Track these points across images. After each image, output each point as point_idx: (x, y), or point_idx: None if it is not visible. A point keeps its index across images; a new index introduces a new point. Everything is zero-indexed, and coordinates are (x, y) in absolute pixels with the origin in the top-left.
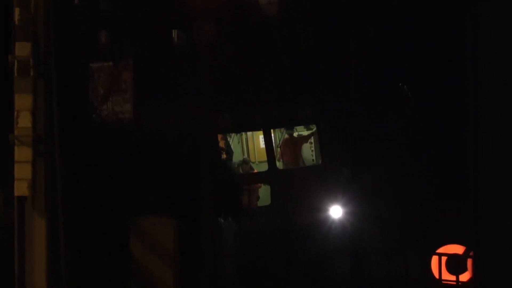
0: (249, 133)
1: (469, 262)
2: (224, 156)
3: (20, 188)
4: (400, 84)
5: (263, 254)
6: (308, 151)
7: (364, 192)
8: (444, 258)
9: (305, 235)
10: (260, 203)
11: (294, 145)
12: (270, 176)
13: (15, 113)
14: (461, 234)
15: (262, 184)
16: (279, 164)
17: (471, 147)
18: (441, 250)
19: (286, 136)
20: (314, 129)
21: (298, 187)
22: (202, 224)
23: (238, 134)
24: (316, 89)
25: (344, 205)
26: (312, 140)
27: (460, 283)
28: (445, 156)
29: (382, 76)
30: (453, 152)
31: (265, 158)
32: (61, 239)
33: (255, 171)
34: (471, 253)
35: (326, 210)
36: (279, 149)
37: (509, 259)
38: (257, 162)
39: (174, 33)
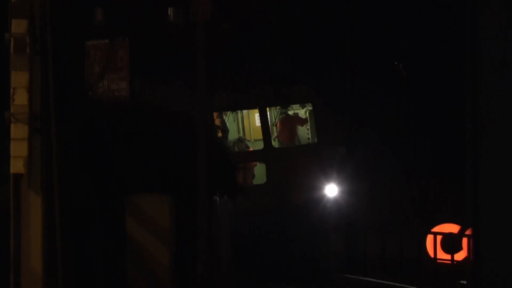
0: (244, 112)
1: (464, 241)
2: (219, 134)
3: (16, 166)
4: (395, 62)
5: (259, 232)
6: (304, 130)
7: (359, 171)
8: (439, 237)
9: (300, 213)
10: (255, 182)
11: (290, 123)
12: (266, 154)
13: (11, 90)
14: (456, 213)
15: (257, 163)
16: (274, 143)
17: (469, 125)
18: (436, 229)
19: (282, 115)
20: (310, 108)
21: (293, 165)
22: (197, 202)
23: (234, 112)
24: (311, 67)
25: (339, 183)
26: (308, 118)
27: (455, 262)
28: (442, 135)
29: (378, 54)
30: (450, 131)
31: (260, 136)
32: (57, 217)
33: (251, 149)
34: (466, 232)
35: (322, 188)
36: (275, 127)
37: (508, 240)
38: (252, 141)
39: (170, 10)
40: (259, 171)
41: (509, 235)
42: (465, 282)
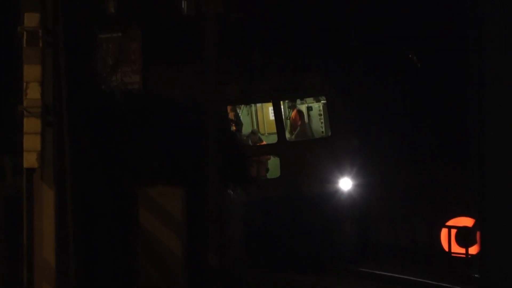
0: (258, 105)
1: (479, 234)
2: (233, 127)
3: (29, 160)
4: (406, 50)
5: (272, 225)
6: (318, 123)
7: (372, 162)
8: (453, 231)
9: (314, 206)
10: (269, 175)
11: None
12: (280, 148)
13: (24, 84)
14: (467, 204)
15: (271, 156)
16: (288, 136)
17: (476, 114)
18: (450, 222)
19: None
20: (324, 102)
21: (307, 159)
22: (209, 193)
23: (248, 105)
24: (324, 58)
25: (353, 176)
26: (321, 111)
27: (469, 256)
28: (452, 123)
29: (389, 42)
30: (460, 119)
31: (274, 130)
32: (69, 210)
33: (264, 142)
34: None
35: (336, 182)
36: (288, 121)
37: None
38: (266, 134)
39: (183, 1)
40: (273, 165)
41: None
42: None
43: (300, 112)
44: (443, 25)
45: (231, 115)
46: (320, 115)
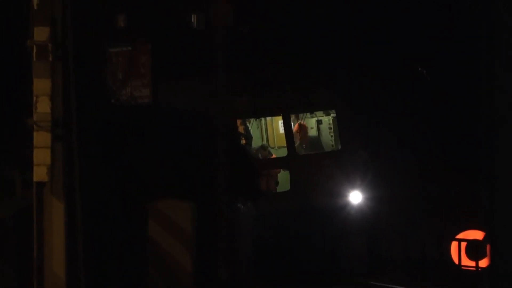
0: (268, 119)
1: (489, 248)
2: (243, 141)
3: (39, 174)
4: (418, 67)
5: (282, 238)
6: (327, 136)
7: (382, 176)
8: (463, 244)
9: (324, 219)
10: (279, 189)
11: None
12: (290, 161)
13: (34, 98)
14: (477, 217)
15: (281, 170)
16: (298, 150)
17: (486, 130)
18: (460, 236)
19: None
20: (334, 115)
21: (317, 172)
22: (218, 207)
23: (257, 119)
24: (333, 72)
25: (363, 190)
26: (331, 125)
27: (479, 269)
28: (461, 137)
29: (401, 59)
30: (470, 133)
31: (284, 143)
32: (78, 223)
33: (274, 156)
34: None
35: (346, 195)
36: (298, 134)
37: None
38: (276, 147)
39: (192, 15)
40: (283, 178)
41: None
42: None
43: (301, 126)
44: (453, 38)
45: (240, 129)
46: (330, 128)
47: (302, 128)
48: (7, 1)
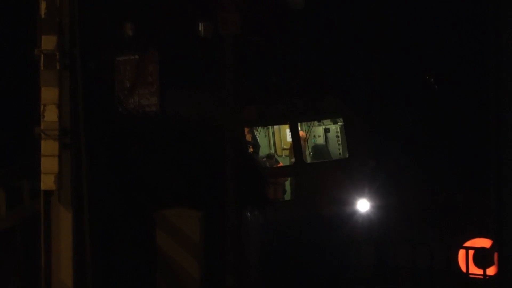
0: (275, 127)
1: (496, 255)
2: (250, 149)
3: (47, 182)
4: (426, 76)
5: (289, 246)
6: (335, 145)
7: (389, 184)
8: (471, 252)
9: (331, 228)
10: (286, 197)
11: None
12: (297, 169)
13: (42, 106)
14: (484, 225)
15: (288, 178)
16: (305, 158)
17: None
18: (468, 243)
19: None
20: (342, 124)
21: (324, 181)
22: (226, 215)
23: (265, 127)
24: (341, 80)
25: (370, 198)
26: (339, 133)
27: (487, 277)
28: (469, 145)
29: (408, 67)
30: (477, 141)
31: (287, 152)
32: (86, 232)
33: (281, 164)
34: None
35: (353, 203)
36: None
37: None
38: (283, 156)
39: (200, 23)
40: (291, 186)
41: None
42: None
43: (302, 135)
44: (460, 47)
45: (248, 137)
46: (337, 136)
47: (303, 138)
48: (15, 10)
